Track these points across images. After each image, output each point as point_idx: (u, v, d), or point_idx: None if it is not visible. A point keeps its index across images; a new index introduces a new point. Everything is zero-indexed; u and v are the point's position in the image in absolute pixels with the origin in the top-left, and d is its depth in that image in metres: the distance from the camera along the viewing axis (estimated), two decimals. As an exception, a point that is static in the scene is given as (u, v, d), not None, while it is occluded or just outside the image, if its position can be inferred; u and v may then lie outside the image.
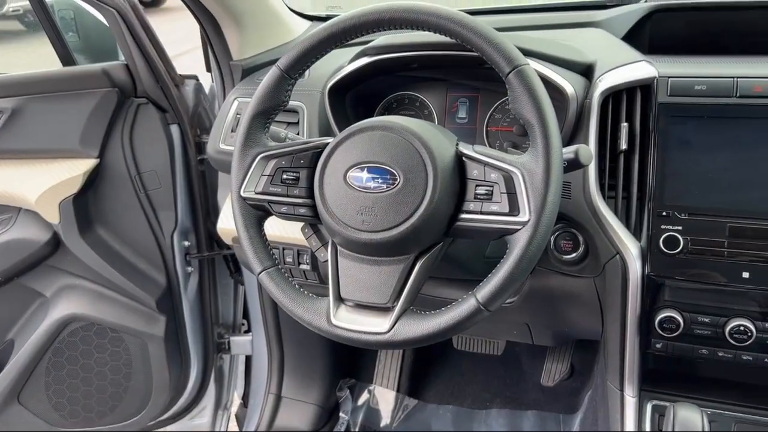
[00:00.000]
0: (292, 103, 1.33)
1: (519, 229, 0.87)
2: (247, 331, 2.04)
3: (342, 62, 1.34)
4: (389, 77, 1.36)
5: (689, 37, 1.29)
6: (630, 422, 1.24)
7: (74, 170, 1.60)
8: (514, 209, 0.87)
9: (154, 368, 1.80)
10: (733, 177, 1.08)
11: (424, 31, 0.94)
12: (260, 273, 1.00)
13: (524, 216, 0.87)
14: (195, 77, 1.76)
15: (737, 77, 1.08)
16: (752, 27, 1.25)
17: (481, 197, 0.90)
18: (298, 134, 1.35)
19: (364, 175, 0.92)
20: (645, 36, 1.31)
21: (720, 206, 1.08)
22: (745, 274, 1.07)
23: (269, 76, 1.02)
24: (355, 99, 1.38)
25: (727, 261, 1.08)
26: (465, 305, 0.89)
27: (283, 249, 1.46)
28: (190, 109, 1.71)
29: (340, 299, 0.96)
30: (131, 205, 1.69)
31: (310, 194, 0.99)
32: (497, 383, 2.11)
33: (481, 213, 0.90)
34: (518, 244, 0.87)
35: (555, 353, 2.04)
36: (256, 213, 1.03)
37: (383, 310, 0.93)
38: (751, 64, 1.14)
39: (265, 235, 1.03)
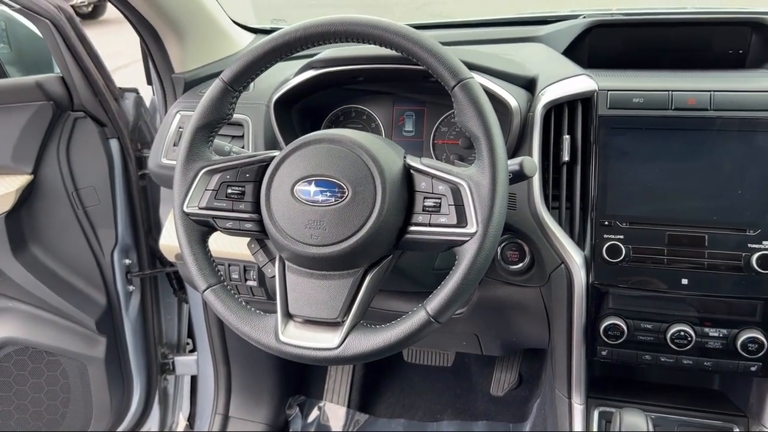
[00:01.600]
0: (236, 116, 1.31)
1: (467, 241, 0.88)
2: (193, 351, 1.99)
3: (288, 75, 1.33)
4: (336, 90, 1.36)
5: (626, 51, 1.34)
6: (578, 429, 1.26)
7: (6, 187, 1.53)
8: (461, 221, 0.88)
9: (94, 392, 1.73)
10: (670, 186, 1.12)
11: (370, 44, 0.94)
12: (205, 290, 0.98)
13: (472, 227, 0.87)
14: (135, 90, 1.71)
15: (672, 90, 1.12)
16: (682, 42, 1.30)
17: (430, 209, 0.91)
18: (243, 148, 1.33)
19: (312, 188, 0.91)
20: (584, 50, 1.35)
21: (659, 215, 1.12)
22: (684, 281, 1.11)
23: (212, 88, 1.00)
24: (301, 112, 1.36)
25: (667, 268, 1.11)
26: (415, 318, 0.88)
27: (229, 265, 1.43)
28: (130, 123, 1.66)
29: (288, 315, 0.94)
30: (68, 223, 1.63)
31: (257, 209, 0.97)
32: (448, 395, 2.11)
33: (430, 225, 0.90)
34: (466, 255, 0.87)
35: (504, 363, 2.07)
36: (200, 229, 1.00)
37: (333, 325, 0.92)
38: (684, 77, 1.19)
39: (209, 251, 1.01)
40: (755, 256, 1.06)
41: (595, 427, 1.26)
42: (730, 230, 1.09)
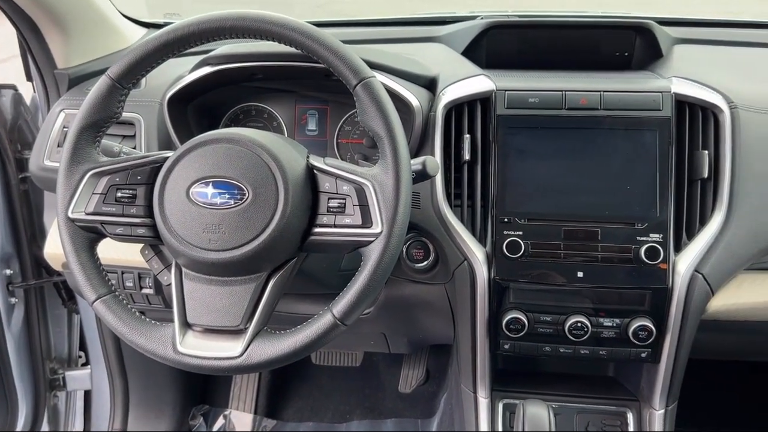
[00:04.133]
0: (127, 115, 1.25)
1: (372, 241, 0.87)
2: (86, 364, 1.87)
3: (183, 72, 1.28)
4: (235, 87, 1.31)
5: (522, 52, 1.38)
6: (483, 422, 1.29)
7: None
8: (366, 221, 0.87)
9: (-28, 415, 1.59)
10: (565, 183, 1.16)
11: (269, 41, 0.92)
12: (94, 301, 0.91)
13: (377, 227, 0.87)
14: (13, 87, 1.58)
15: (565, 91, 1.16)
16: (574, 44, 1.36)
17: (334, 210, 0.89)
18: (134, 148, 1.26)
19: (209, 190, 0.87)
20: (482, 51, 1.38)
21: (555, 211, 1.16)
22: (580, 274, 1.15)
23: (98, 85, 0.93)
24: (198, 110, 1.31)
25: (563, 262, 1.16)
26: (321, 321, 0.87)
27: (123, 273, 1.35)
28: (8, 123, 1.54)
29: (186, 324, 0.90)
30: None
31: (149, 213, 0.92)
32: (356, 394, 2.11)
33: (335, 226, 0.89)
34: (372, 255, 0.87)
35: (411, 360, 2.09)
36: (87, 235, 0.94)
37: (235, 332, 0.89)
38: (576, 78, 1.24)
39: (98, 259, 0.94)
40: (643, 248, 1.12)
41: (499, 420, 1.29)
42: (621, 224, 1.14)
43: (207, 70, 1.22)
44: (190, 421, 2.00)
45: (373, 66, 0.97)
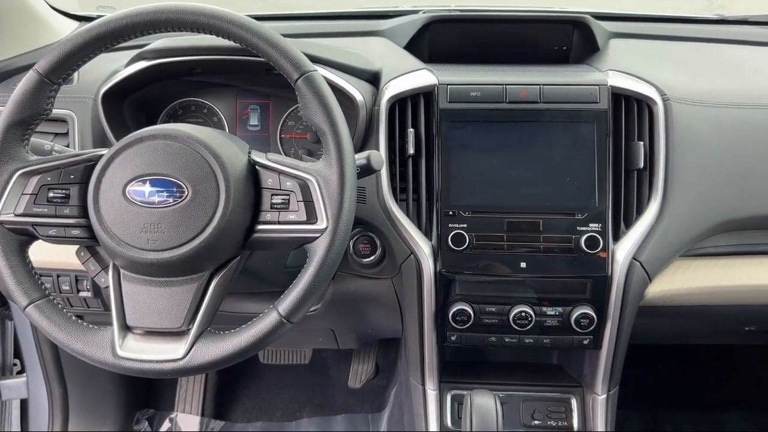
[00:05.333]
0: (58, 112, 1.20)
1: (318, 237, 0.86)
2: (21, 372, 1.79)
3: (118, 66, 1.23)
4: (173, 82, 1.28)
5: (464, 46, 1.39)
6: (432, 414, 1.30)
7: None
8: (311, 217, 0.87)
9: None
10: (507, 176, 1.18)
11: (207, 34, 0.89)
12: (27, 307, 0.88)
13: (322, 223, 0.86)
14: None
15: (506, 84, 1.18)
16: (514, 39, 1.38)
17: (278, 206, 0.88)
18: (68, 146, 1.21)
19: (147, 188, 0.85)
20: (425, 45, 1.38)
21: (498, 203, 1.17)
22: (523, 264, 1.17)
23: (25, 81, 0.89)
24: (134, 106, 1.27)
25: (507, 253, 1.17)
26: (266, 320, 0.86)
27: (58, 276, 1.30)
28: None
29: (126, 327, 0.88)
30: None
31: (84, 213, 0.88)
32: (306, 392, 2.09)
33: (279, 223, 0.88)
34: (318, 252, 0.86)
35: (360, 355, 2.09)
36: (18, 238, 0.89)
37: (177, 334, 0.87)
38: (517, 72, 1.26)
39: (30, 262, 0.90)
40: (583, 237, 1.15)
41: (448, 411, 1.31)
42: (561, 215, 1.17)
43: (143, 64, 1.18)
44: (134, 426, 1.94)
45: (314, 60, 0.97)
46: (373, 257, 1.22)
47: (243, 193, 0.87)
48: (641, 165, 1.18)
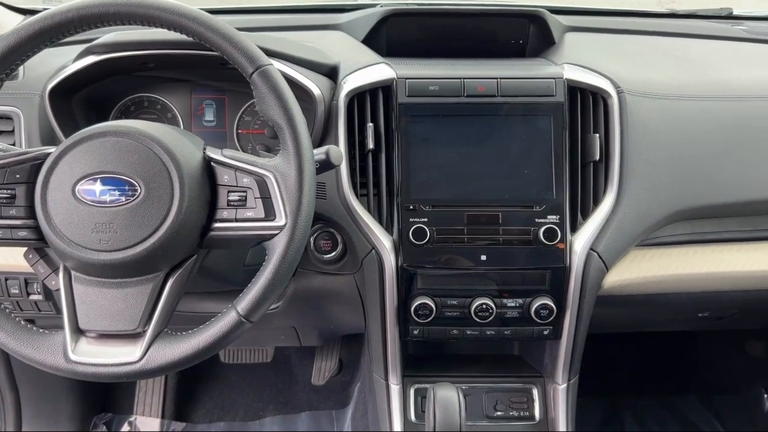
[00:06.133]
0: (3, 109, 1.17)
1: (276, 234, 0.85)
2: (-30, 380, 1.72)
3: (66, 61, 1.19)
4: (124, 77, 1.24)
5: (422, 40, 1.38)
6: (395, 409, 1.30)
7: None
8: (269, 214, 0.85)
9: None
10: (466, 169, 1.18)
11: (158, 27, 0.87)
12: None
13: (281, 220, 0.85)
14: None
15: (464, 78, 1.18)
16: (471, 32, 1.38)
17: (235, 204, 0.87)
18: (13, 144, 1.17)
19: (98, 187, 0.82)
20: (383, 39, 1.37)
21: (458, 197, 1.18)
22: (483, 257, 1.18)
23: None
24: (84, 102, 1.23)
25: (467, 246, 1.18)
26: (225, 320, 0.84)
27: (6, 279, 1.25)
28: None
29: (79, 331, 0.85)
30: None
31: (31, 214, 0.85)
32: (269, 390, 2.07)
33: (236, 220, 0.86)
34: (277, 249, 0.85)
35: (323, 351, 2.08)
36: None
37: (132, 336, 0.85)
38: (474, 66, 1.26)
39: None
40: (542, 229, 1.16)
41: (411, 405, 1.31)
42: (520, 207, 1.17)
43: (91, 59, 1.14)
44: (91, 431, 1.90)
45: (270, 54, 0.95)
46: (334, 253, 1.21)
47: (198, 191, 0.85)
48: (597, 157, 1.19)
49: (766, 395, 2.07)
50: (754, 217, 1.32)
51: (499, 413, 1.32)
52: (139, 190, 0.82)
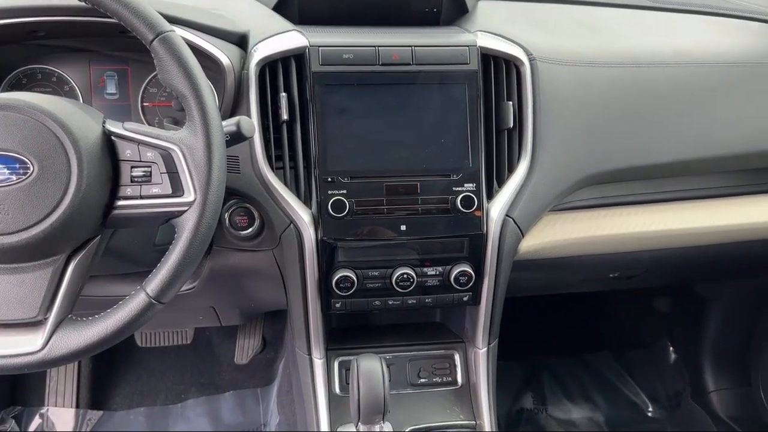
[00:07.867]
0: None
1: (186, 210, 0.82)
2: None
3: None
4: (14, 47, 1.14)
5: (334, 8, 1.35)
6: (320, 383, 1.29)
7: None
8: (177, 189, 0.82)
9: None
10: (384, 139, 1.17)
11: None
12: None
13: (189, 196, 0.82)
14: None
15: (378, 46, 1.16)
16: (385, 0, 1.36)
17: (139, 180, 0.82)
18: None
19: None
20: (294, 6, 1.32)
21: (376, 167, 1.17)
22: (403, 227, 1.18)
23: None
24: (-32, 75, 1.13)
25: (387, 217, 1.17)
26: (133, 303, 0.80)
27: None
28: None
29: (-29, 322, 0.78)
30: None
31: None
32: (190, 372, 2.02)
33: (141, 197, 0.82)
34: (186, 226, 0.82)
35: (246, 329, 2.04)
36: None
37: (32, 325, 0.79)
38: (388, 34, 1.24)
39: None
40: (459, 197, 1.17)
41: (336, 378, 1.30)
42: (438, 176, 1.18)
43: (-28, 27, 1.04)
44: (-1, 427, 1.80)
45: (173, 21, 0.90)
46: (251, 229, 1.18)
47: (98, 167, 0.80)
48: (511, 124, 1.21)
49: (671, 347, 2.22)
50: (658, 180, 1.38)
51: (422, 380, 1.34)
52: (31, 168, 0.77)
